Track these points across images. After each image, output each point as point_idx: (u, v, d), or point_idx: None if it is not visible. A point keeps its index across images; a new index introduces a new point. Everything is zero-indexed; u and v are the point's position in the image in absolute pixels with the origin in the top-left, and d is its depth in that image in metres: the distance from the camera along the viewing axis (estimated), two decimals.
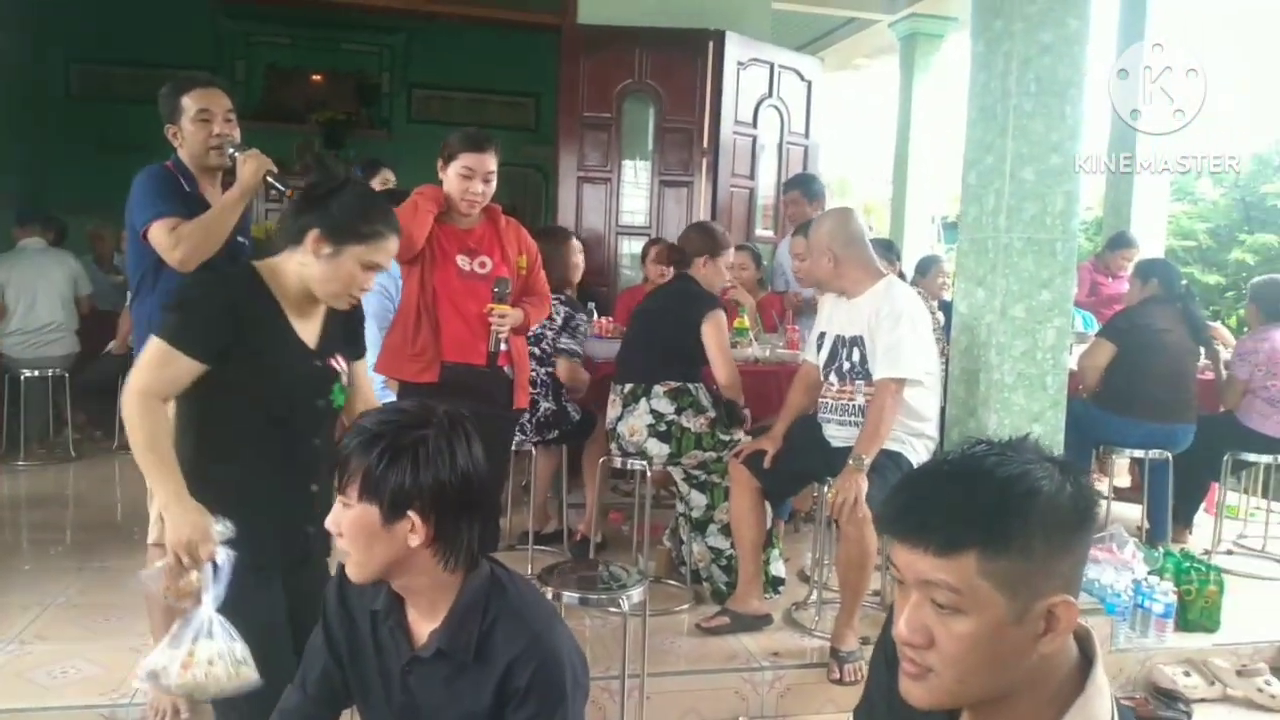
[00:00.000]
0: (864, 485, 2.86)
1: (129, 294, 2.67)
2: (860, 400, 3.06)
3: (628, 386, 3.50)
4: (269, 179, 2.58)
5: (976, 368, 3.30)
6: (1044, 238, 3.23)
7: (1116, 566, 3.51)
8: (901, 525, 1.00)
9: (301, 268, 1.85)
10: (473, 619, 1.41)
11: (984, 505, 0.96)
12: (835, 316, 3.19)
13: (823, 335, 3.24)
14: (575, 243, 4.20)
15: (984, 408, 3.27)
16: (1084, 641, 1.05)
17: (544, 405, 3.79)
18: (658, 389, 3.44)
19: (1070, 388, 3.47)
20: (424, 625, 1.45)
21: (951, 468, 1.02)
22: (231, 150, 2.60)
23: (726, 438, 3.45)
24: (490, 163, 2.88)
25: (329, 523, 1.41)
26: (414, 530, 1.37)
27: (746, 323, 4.40)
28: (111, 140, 8.08)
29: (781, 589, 3.54)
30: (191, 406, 1.81)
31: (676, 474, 3.53)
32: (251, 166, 2.55)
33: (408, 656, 1.44)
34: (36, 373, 5.33)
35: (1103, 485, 4.87)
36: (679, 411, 3.43)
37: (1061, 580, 0.98)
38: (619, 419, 3.50)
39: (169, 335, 1.74)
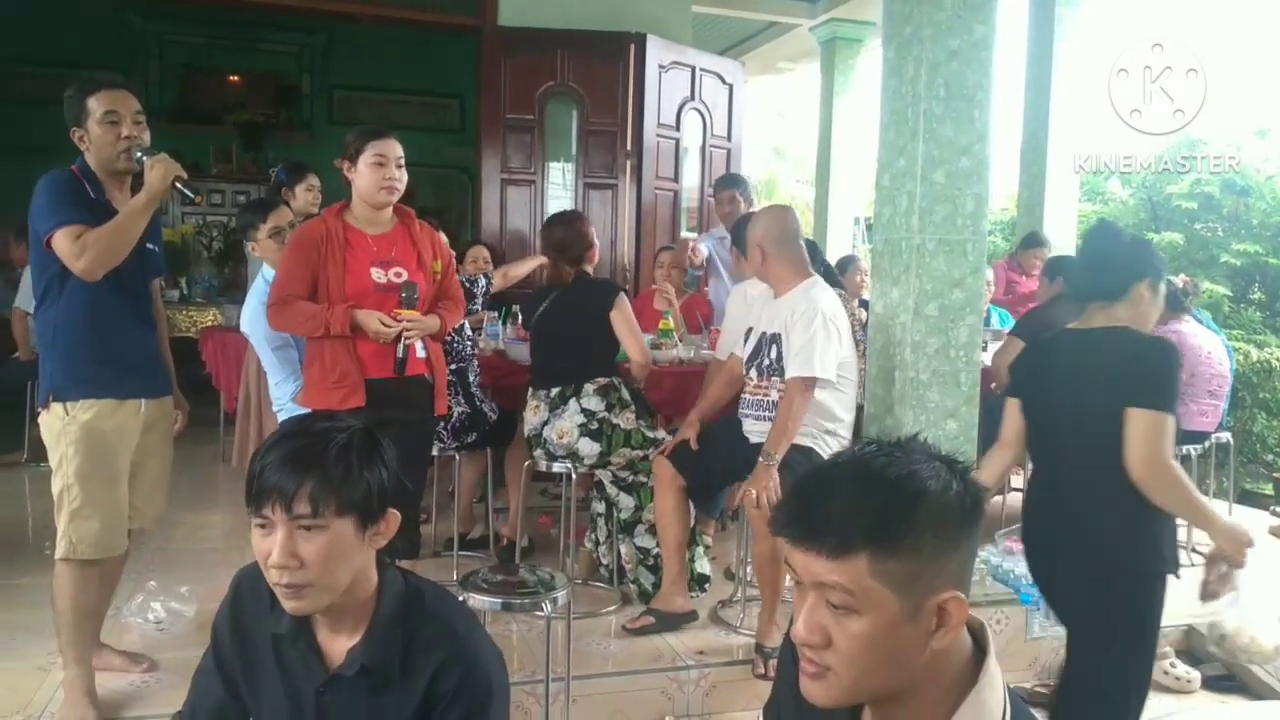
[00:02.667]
0: (775, 481, 2.90)
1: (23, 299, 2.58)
2: (774, 396, 3.11)
3: (554, 390, 3.46)
4: (178, 185, 2.52)
5: (892, 365, 3.38)
6: (955, 238, 3.32)
7: None
8: (795, 529, 1.02)
9: None
10: (395, 631, 1.39)
11: (873, 507, 0.99)
12: (764, 314, 3.24)
13: (749, 331, 3.29)
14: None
15: (900, 405, 3.34)
16: (978, 634, 1.08)
17: (457, 410, 3.74)
18: (588, 387, 3.43)
19: (985, 385, 3.57)
20: (337, 643, 1.41)
21: (840, 470, 1.05)
22: (139, 154, 2.54)
23: (652, 435, 3.47)
24: (398, 149, 2.85)
25: (279, 561, 1.29)
26: (382, 531, 1.36)
27: (671, 324, 4.43)
28: (13, 143, 7.79)
29: (708, 587, 3.57)
30: None
31: (605, 476, 3.53)
32: (159, 172, 2.49)
33: (323, 677, 1.41)
34: None
35: (1018, 478, 5.01)
36: (609, 409, 3.43)
37: (951, 577, 1.01)
38: (545, 424, 3.47)
39: None
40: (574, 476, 3.53)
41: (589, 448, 3.41)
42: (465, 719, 1.38)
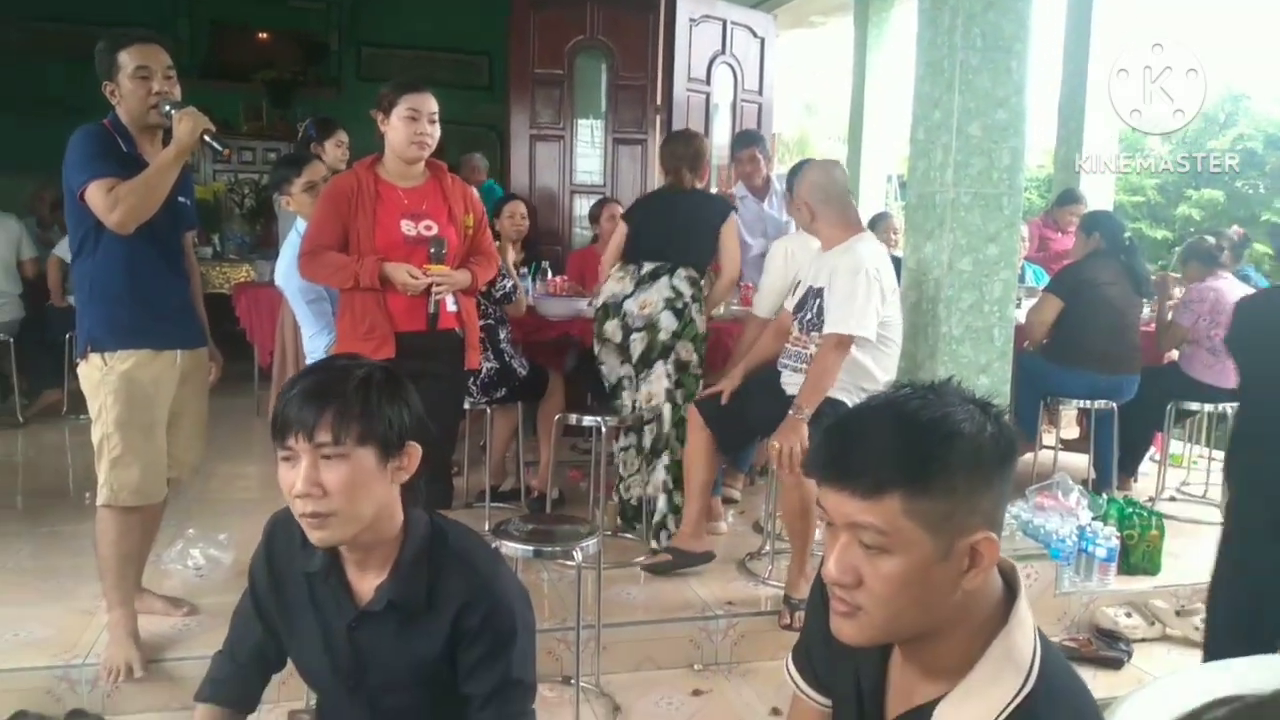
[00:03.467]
0: (805, 435, 2.90)
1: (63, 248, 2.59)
2: (812, 350, 3.10)
3: (647, 266, 3.56)
4: (206, 138, 2.53)
5: (925, 321, 3.35)
6: (990, 192, 3.27)
7: (1062, 513, 3.61)
8: (828, 469, 1.03)
9: None
10: (420, 568, 1.42)
11: (907, 447, 0.99)
12: (813, 268, 3.23)
13: (798, 284, 3.29)
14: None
15: (932, 360, 3.32)
16: (1008, 576, 1.09)
17: (486, 366, 3.77)
18: (681, 271, 3.54)
19: (1018, 341, 3.54)
20: (366, 580, 1.44)
21: (874, 412, 1.05)
22: (168, 108, 2.55)
23: (702, 364, 3.58)
24: (432, 103, 2.84)
25: (302, 490, 1.32)
26: (404, 465, 1.38)
27: None
28: (47, 100, 7.85)
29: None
30: None
31: (660, 383, 3.54)
32: (187, 125, 2.49)
33: (354, 613, 1.44)
34: None
35: (1050, 436, 4.98)
36: (694, 299, 3.54)
37: (983, 517, 1.01)
38: (628, 295, 3.54)
39: None
40: (603, 431, 3.56)
41: (669, 321, 3.49)
42: (490, 654, 1.40)
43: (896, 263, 3.96)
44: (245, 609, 1.56)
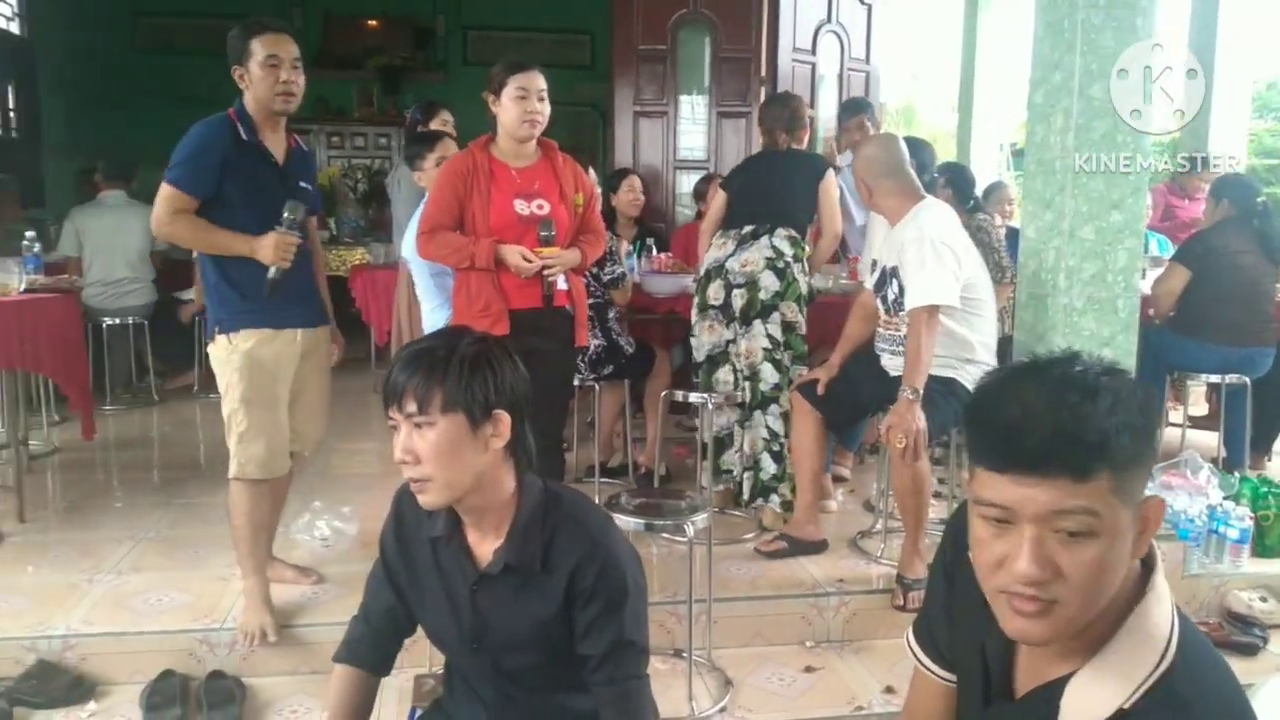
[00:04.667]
0: (921, 418, 2.84)
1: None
2: (904, 331, 3.05)
3: (747, 228, 3.57)
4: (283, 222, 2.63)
5: (1044, 292, 3.24)
6: (1114, 157, 3.13)
7: (1190, 492, 3.45)
8: (1020, 460, 0.94)
9: None
10: (534, 531, 1.46)
11: (1108, 422, 0.93)
12: (884, 245, 3.17)
13: (874, 263, 3.23)
14: None
15: (1052, 332, 3.21)
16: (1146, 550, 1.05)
17: (594, 343, 3.81)
18: (780, 231, 3.54)
19: (1143, 313, 3.40)
20: (485, 544, 1.49)
21: (1047, 390, 0.96)
22: (286, 215, 2.62)
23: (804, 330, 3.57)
24: (540, 81, 2.87)
25: (398, 457, 1.40)
26: (497, 433, 1.41)
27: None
28: (174, 92, 8.22)
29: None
30: None
31: (757, 341, 3.53)
32: (269, 251, 2.60)
33: (475, 576, 1.49)
34: (117, 321, 5.51)
35: (1177, 413, 4.77)
36: (795, 259, 3.52)
37: (1146, 482, 0.99)
38: (729, 256, 3.55)
39: None
40: (710, 406, 3.56)
41: (770, 281, 3.49)
42: (604, 614, 1.44)
43: (1013, 234, 3.85)
44: (377, 574, 1.63)
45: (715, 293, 3.58)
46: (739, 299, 3.53)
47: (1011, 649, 1.12)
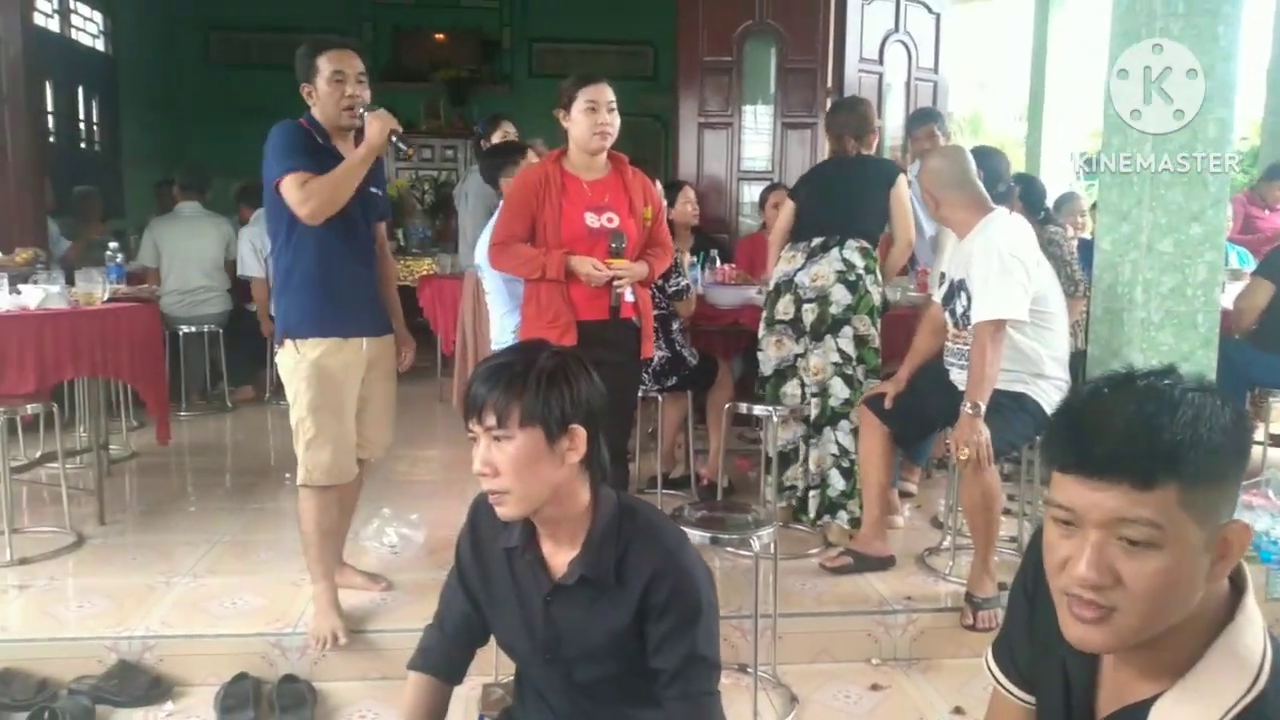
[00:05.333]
0: (984, 431, 2.79)
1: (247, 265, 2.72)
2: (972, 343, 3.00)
3: (816, 240, 3.53)
4: (394, 138, 2.66)
5: (1120, 306, 3.17)
6: (1194, 168, 3.06)
7: (1272, 513, 3.34)
8: (1088, 461, 0.95)
9: None
10: (609, 544, 1.47)
11: (1182, 434, 0.92)
12: (952, 258, 3.12)
13: (942, 276, 3.19)
14: None
15: (1129, 347, 3.14)
16: (1234, 571, 1.02)
17: (658, 354, 3.81)
18: (851, 243, 3.49)
19: (1223, 328, 3.30)
20: (560, 555, 1.51)
21: (1125, 398, 0.97)
22: (361, 111, 2.69)
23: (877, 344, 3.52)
24: (609, 93, 2.90)
25: (477, 469, 1.42)
26: (573, 447, 1.43)
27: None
28: (245, 104, 8.44)
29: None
30: None
31: (828, 356, 3.49)
32: (376, 126, 2.64)
33: (549, 586, 1.50)
34: (193, 329, 5.67)
35: (1258, 431, 4.62)
36: (867, 270, 3.48)
37: (1232, 505, 0.97)
38: (799, 269, 3.52)
39: None
40: (775, 419, 3.54)
41: (842, 294, 3.45)
42: (677, 629, 1.44)
43: (1086, 246, 3.76)
44: (452, 582, 1.65)
45: (785, 307, 3.55)
46: (809, 314, 3.50)
47: (1094, 670, 1.10)
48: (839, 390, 3.49)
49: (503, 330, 3.40)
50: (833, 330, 3.47)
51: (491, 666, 2.50)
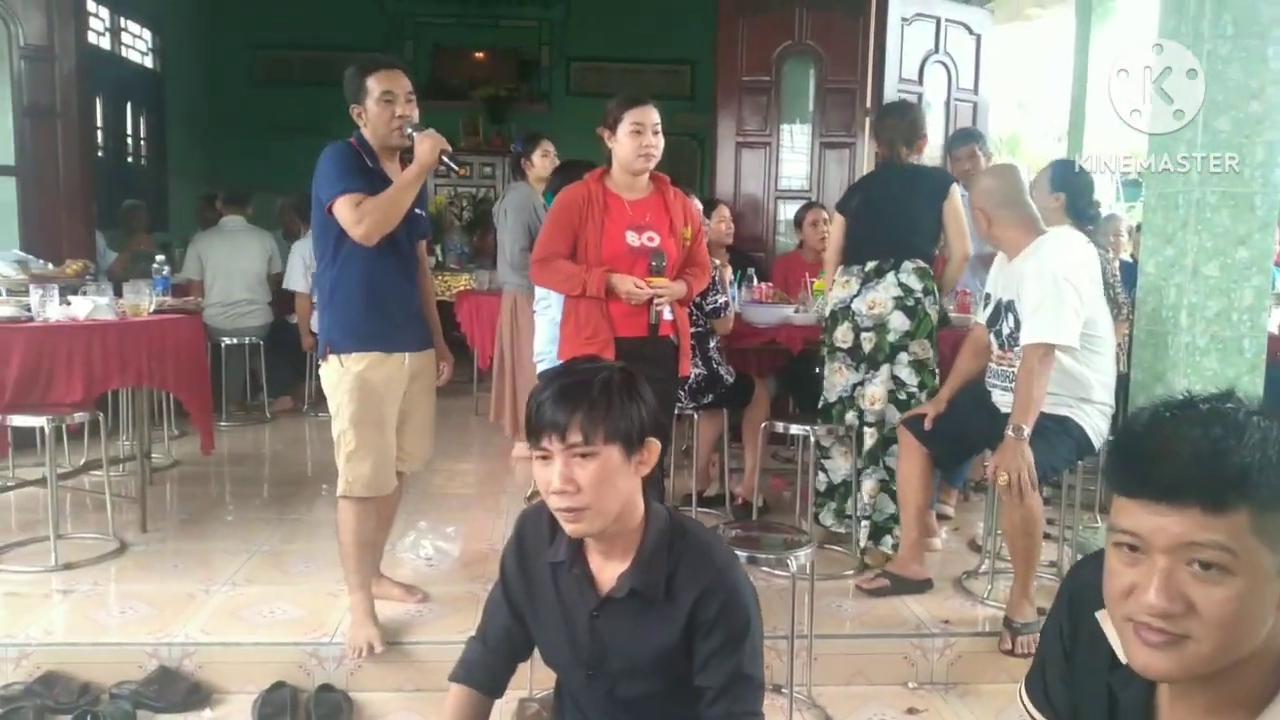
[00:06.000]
0: (1029, 455, 2.76)
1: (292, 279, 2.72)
2: (1019, 366, 2.97)
3: (870, 264, 3.44)
4: (444, 158, 2.70)
5: (1165, 330, 3.13)
6: (1241, 191, 3.03)
7: None
8: (1155, 485, 0.93)
9: None
10: (660, 558, 1.48)
11: (1252, 457, 0.91)
12: (999, 278, 3.09)
13: (988, 297, 3.16)
14: None
15: (1173, 372, 3.10)
16: None
17: (695, 372, 3.81)
18: (907, 265, 3.40)
19: (1270, 354, 3.25)
20: (608, 570, 1.52)
21: (1191, 420, 0.95)
22: (410, 130, 2.73)
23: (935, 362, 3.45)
24: (655, 115, 2.93)
25: (559, 487, 1.42)
26: (646, 459, 1.46)
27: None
28: (286, 121, 8.59)
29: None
30: None
31: (880, 388, 3.44)
32: (427, 145, 2.67)
33: (596, 601, 1.51)
34: (235, 341, 5.76)
35: None
36: (925, 292, 3.40)
37: None
38: (854, 296, 3.45)
39: None
40: (813, 439, 3.53)
41: (900, 321, 3.38)
42: (724, 647, 1.45)
43: (1128, 268, 3.72)
44: (496, 596, 1.66)
45: (843, 335, 3.50)
46: (868, 342, 3.44)
47: (1149, 706, 1.07)
48: (893, 417, 3.44)
49: (541, 326, 3.48)
50: (889, 359, 3.42)
51: (526, 680, 2.50)
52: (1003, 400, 3.05)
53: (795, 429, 3.61)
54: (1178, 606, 0.92)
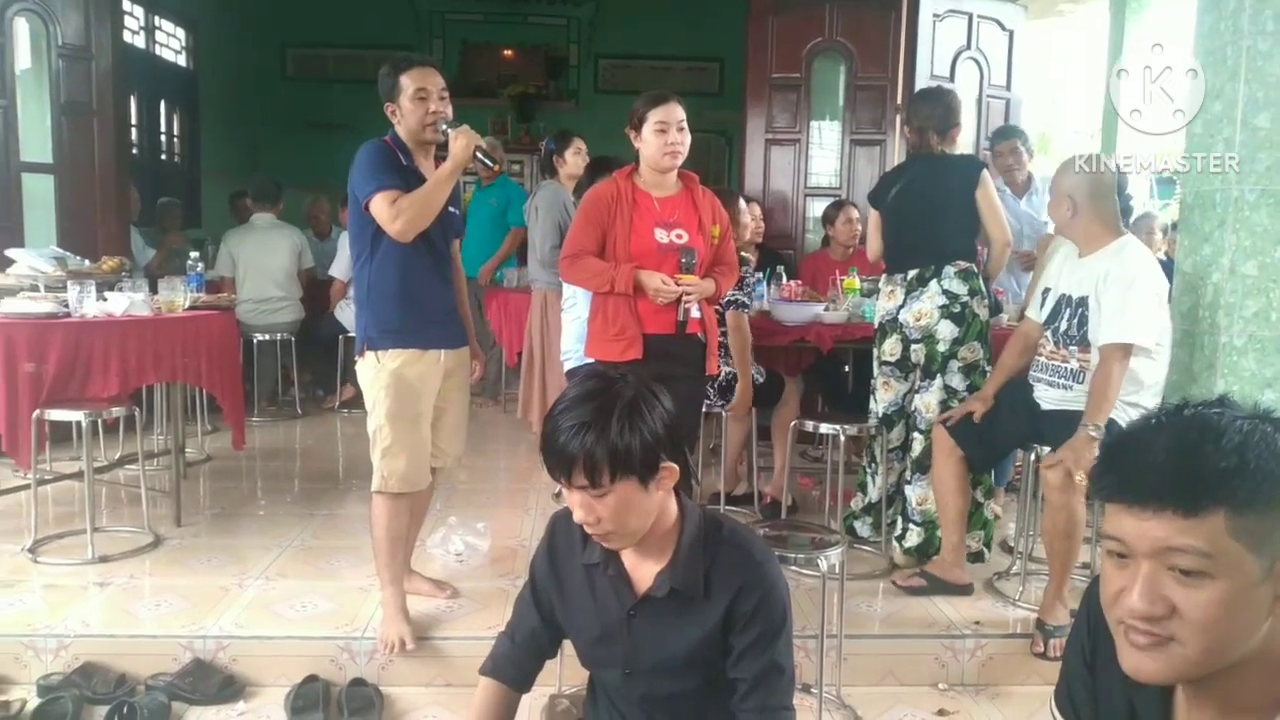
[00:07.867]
0: (1094, 455, 2.72)
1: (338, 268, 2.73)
2: (1074, 365, 2.94)
3: (912, 272, 3.40)
4: (478, 154, 2.71)
5: (1201, 330, 3.08)
6: None
7: None
8: (1133, 489, 0.95)
9: None
10: (697, 556, 1.49)
11: (1227, 461, 0.92)
12: (1064, 274, 3.05)
13: (1047, 291, 3.11)
14: None
15: (1209, 373, 3.05)
16: None
17: (724, 369, 3.80)
18: (949, 269, 3.35)
19: None
20: (644, 569, 1.52)
21: (1171, 427, 0.97)
22: (444, 127, 2.75)
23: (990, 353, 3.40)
24: (679, 112, 2.92)
25: (581, 518, 1.43)
26: (664, 480, 1.45)
27: (856, 283, 4.30)
28: (317, 118, 8.65)
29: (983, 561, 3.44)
30: None
31: (934, 397, 3.40)
32: (462, 142, 2.69)
33: (633, 601, 1.52)
34: (267, 337, 5.82)
35: None
36: (971, 294, 3.35)
37: None
38: (900, 307, 3.42)
39: None
40: (842, 439, 3.51)
41: (948, 330, 3.35)
42: (760, 640, 1.46)
43: (1164, 267, 3.66)
44: (525, 597, 1.68)
45: (891, 348, 3.47)
46: (917, 353, 3.41)
47: (1168, 715, 1.07)
48: None
49: (571, 307, 3.49)
50: (942, 369, 3.39)
51: (555, 678, 2.51)
52: (1046, 395, 3.02)
53: (825, 428, 3.59)
54: (1160, 609, 0.94)
